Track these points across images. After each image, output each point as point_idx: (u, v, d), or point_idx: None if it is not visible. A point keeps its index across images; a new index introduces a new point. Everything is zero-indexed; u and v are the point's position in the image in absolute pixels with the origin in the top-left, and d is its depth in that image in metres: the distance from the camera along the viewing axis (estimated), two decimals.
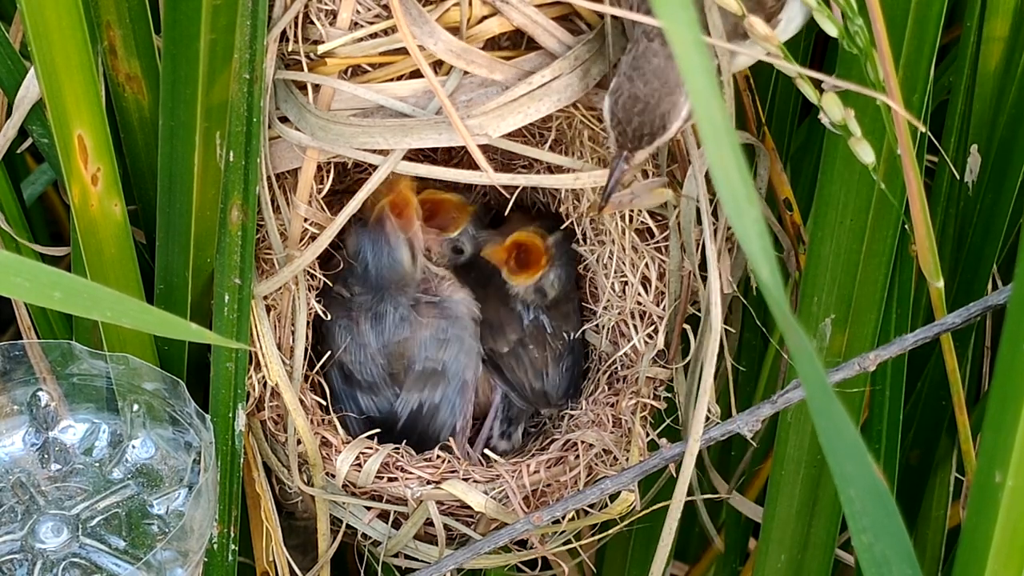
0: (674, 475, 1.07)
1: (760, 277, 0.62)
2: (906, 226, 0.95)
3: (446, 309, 1.10)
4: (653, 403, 1.05)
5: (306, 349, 1.03)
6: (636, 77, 0.87)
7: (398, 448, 1.04)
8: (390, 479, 1.02)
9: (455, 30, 0.91)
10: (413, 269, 1.09)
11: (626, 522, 1.04)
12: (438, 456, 1.03)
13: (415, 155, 0.95)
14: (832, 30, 0.82)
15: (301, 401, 1.01)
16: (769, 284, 0.61)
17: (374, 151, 0.94)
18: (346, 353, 1.10)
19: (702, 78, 0.58)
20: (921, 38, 0.92)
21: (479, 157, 0.88)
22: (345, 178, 1.08)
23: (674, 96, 0.86)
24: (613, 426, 1.05)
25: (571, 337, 1.13)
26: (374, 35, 0.92)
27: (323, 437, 1.03)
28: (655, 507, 1.00)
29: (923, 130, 0.90)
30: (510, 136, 0.94)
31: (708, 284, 0.93)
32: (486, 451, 1.08)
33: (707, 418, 1.04)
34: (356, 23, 0.92)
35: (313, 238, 0.99)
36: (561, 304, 1.14)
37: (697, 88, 0.59)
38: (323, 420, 1.05)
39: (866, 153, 0.86)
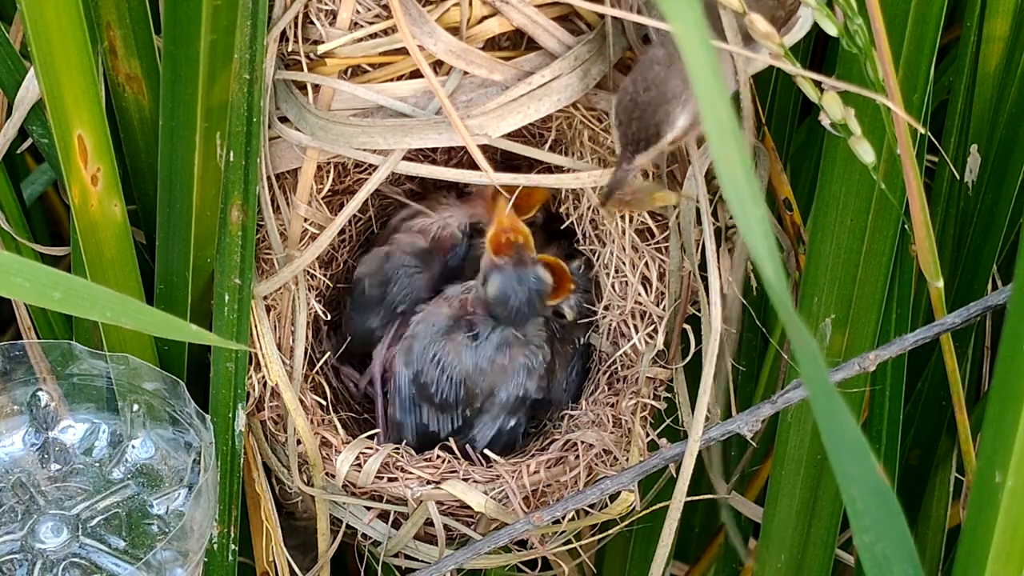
0: (674, 475, 1.07)
1: (764, 276, 0.61)
2: (906, 226, 0.95)
3: (529, 337, 1.10)
4: (653, 403, 1.05)
5: (306, 349, 1.03)
6: (639, 82, 0.87)
7: (398, 448, 1.04)
8: (390, 479, 1.02)
9: (455, 30, 0.91)
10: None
11: (626, 522, 1.04)
12: (438, 456, 1.03)
13: (415, 155, 0.95)
14: (832, 29, 0.82)
15: (301, 401, 1.01)
16: (773, 283, 0.61)
17: (374, 151, 0.94)
18: (427, 372, 1.10)
19: (708, 76, 0.58)
20: (921, 38, 0.92)
21: (479, 157, 0.88)
22: (345, 178, 1.08)
23: (668, 106, 0.87)
24: (613, 426, 1.05)
25: (579, 342, 1.13)
26: (374, 35, 0.92)
27: (323, 437, 1.03)
28: (655, 507, 1.00)
29: (923, 131, 0.90)
30: (510, 136, 0.94)
31: (708, 284, 0.93)
32: (486, 451, 1.08)
33: (707, 418, 1.05)
34: (356, 23, 0.92)
35: (313, 238, 0.99)
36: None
37: (703, 86, 0.59)
38: (323, 420, 1.05)
39: (866, 152, 0.86)
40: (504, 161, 1.09)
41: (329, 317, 1.09)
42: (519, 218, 1.09)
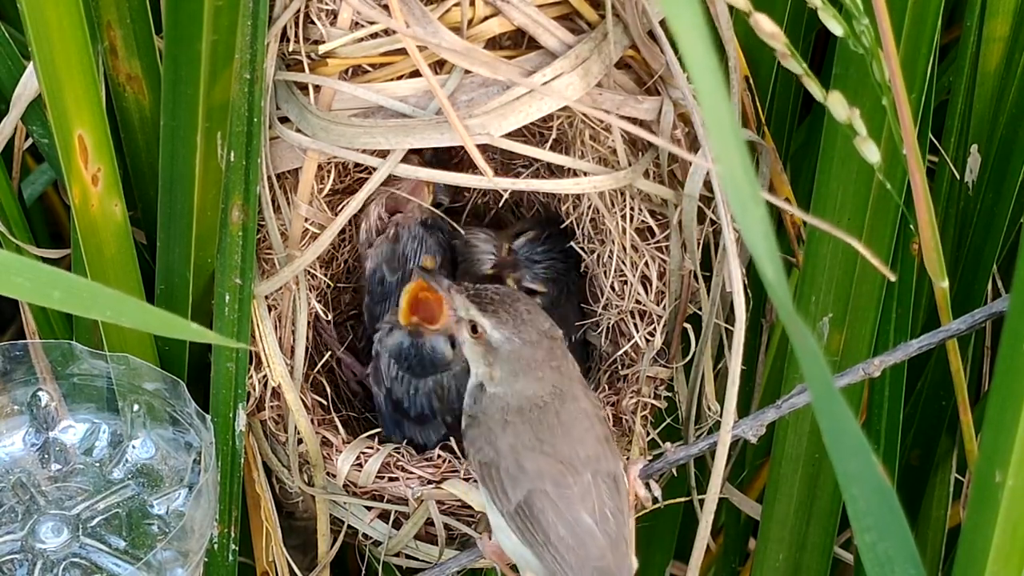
0: (675, 475, 1.07)
1: (765, 276, 0.62)
2: (911, 225, 0.95)
3: None
4: (654, 402, 1.05)
5: (306, 349, 1.03)
6: None
7: (399, 448, 1.04)
8: (391, 479, 1.02)
9: (456, 30, 0.91)
10: (455, 354, 1.08)
11: None
12: (439, 456, 1.03)
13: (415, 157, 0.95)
14: (838, 29, 0.82)
15: (302, 401, 1.01)
16: (774, 283, 0.61)
17: (375, 152, 0.94)
18: (396, 390, 1.10)
19: (708, 76, 0.59)
20: (919, 38, 0.92)
21: (478, 159, 0.88)
22: (346, 178, 1.08)
23: None
24: (614, 425, 1.05)
25: (572, 340, 1.13)
26: (375, 35, 0.92)
27: (323, 437, 1.03)
28: (654, 507, 1.01)
29: (915, 132, 0.90)
30: (511, 136, 0.94)
31: (730, 277, 0.93)
32: None
33: (708, 418, 1.05)
34: (357, 23, 0.92)
35: (314, 238, 0.99)
36: (560, 306, 1.14)
37: (704, 86, 0.59)
38: (323, 419, 1.05)
39: (871, 152, 0.86)
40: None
41: (330, 316, 1.09)
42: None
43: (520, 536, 0.92)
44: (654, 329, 1.05)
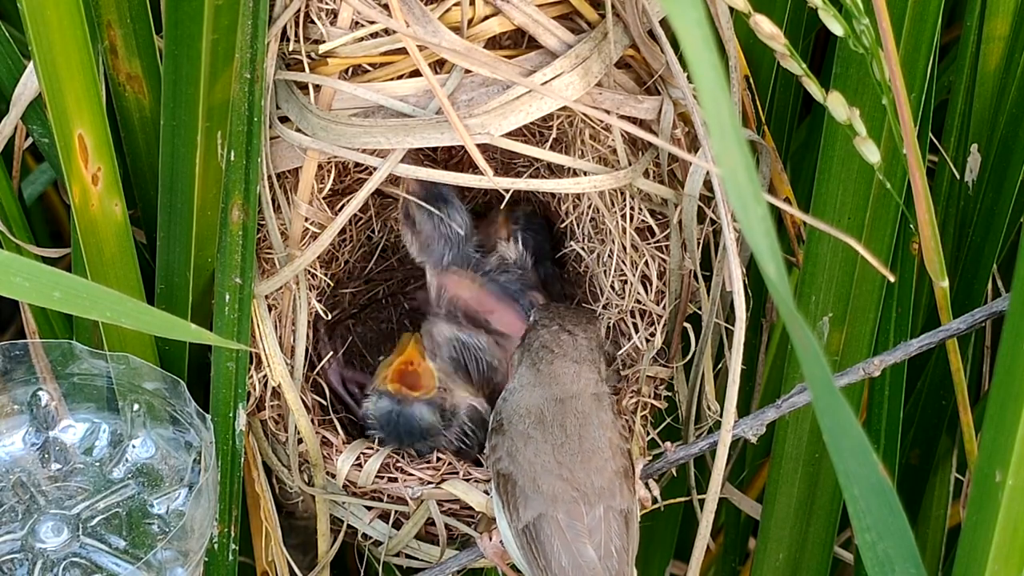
0: (675, 475, 1.07)
1: (767, 274, 0.62)
2: (911, 225, 0.95)
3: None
4: (654, 402, 1.05)
5: (306, 349, 1.03)
6: None
7: (398, 449, 1.04)
8: (390, 479, 1.02)
9: (456, 29, 0.91)
10: (439, 422, 1.07)
11: None
12: (438, 458, 1.03)
13: (416, 157, 0.95)
14: (838, 29, 0.82)
15: (302, 401, 1.01)
16: (776, 282, 0.61)
17: (375, 151, 0.94)
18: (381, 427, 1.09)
19: (709, 76, 0.59)
20: (919, 37, 0.92)
21: (479, 158, 0.88)
22: (346, 177, 1.08)
23: None
24: None
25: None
26: (375, 34, 0.92)
27: (323, 437, 1.03)
28: (654, 507, 1.01)
29: (915, 132, 0.90)
30: (511, 135, 0.94)
31: (731, 276, 0.93)
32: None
33: (708, 418, 1.05)
34: (357, 22, 0.92)
35: (314, 237, 0.99)
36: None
37: (705, 85, 0.59)
38: (323, 420, 1.05)
39: (871, 152, 0.86)
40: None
41: (330, 317, 1.09)
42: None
43: (522, 553, 0.93)
44: (654, 329, 1.05)
